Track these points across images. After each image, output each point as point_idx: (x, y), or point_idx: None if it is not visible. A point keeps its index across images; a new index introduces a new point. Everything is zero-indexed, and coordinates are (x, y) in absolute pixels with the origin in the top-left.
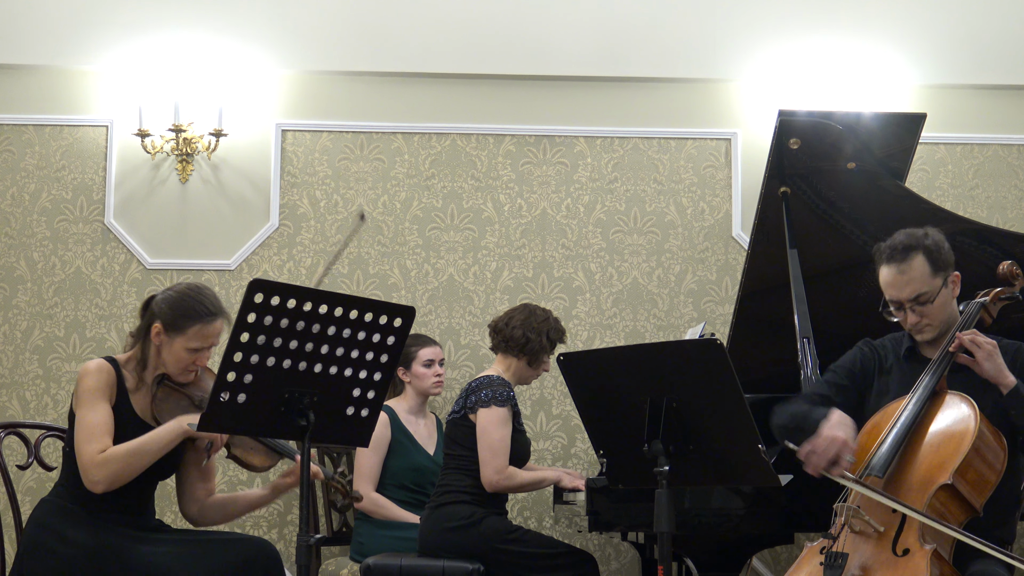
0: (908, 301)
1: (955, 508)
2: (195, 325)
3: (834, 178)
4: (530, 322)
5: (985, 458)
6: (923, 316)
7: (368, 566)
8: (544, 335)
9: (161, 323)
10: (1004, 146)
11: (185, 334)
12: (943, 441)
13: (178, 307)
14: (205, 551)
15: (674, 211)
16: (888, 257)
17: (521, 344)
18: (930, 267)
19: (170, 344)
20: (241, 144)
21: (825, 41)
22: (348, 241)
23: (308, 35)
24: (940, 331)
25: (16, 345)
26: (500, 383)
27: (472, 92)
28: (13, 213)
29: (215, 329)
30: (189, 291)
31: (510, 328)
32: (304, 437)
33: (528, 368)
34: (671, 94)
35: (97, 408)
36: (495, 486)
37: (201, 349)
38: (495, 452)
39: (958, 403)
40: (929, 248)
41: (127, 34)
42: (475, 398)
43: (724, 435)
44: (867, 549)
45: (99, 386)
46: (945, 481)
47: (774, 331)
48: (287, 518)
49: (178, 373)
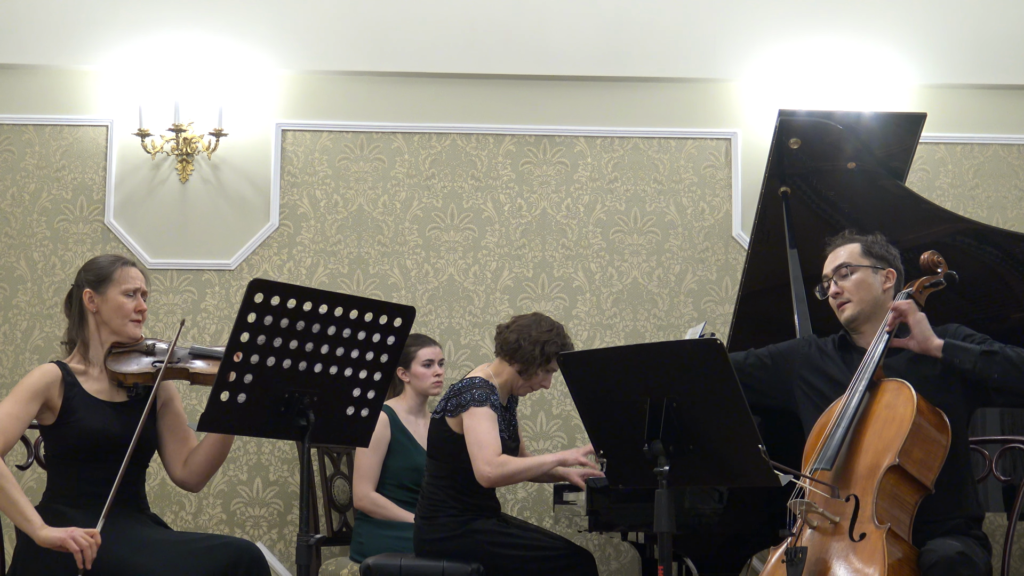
0: (832, 273)
1: (907, 488)
2: (115, 269)
3: (834, 178)
4: (529, 330)
5: (928, 435)
6: (843, 290)
7: (368, 566)
8: (539, 346)
9: (88, 287)
10: (1004, 146)
11: (112, 280)
12: (885, 426)
13: (94, 267)
14: (189, 555)
15: (674, 211)
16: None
17: (512, 349)
18: (860, 250)
19: (105, 299)
20: (241, 144)
21: (825, 41)
22: (173, 344)
23: (308, 35)
24: (861, 312)
25: (16, 345)
26: (481, 385)
27: (472, 92)
28: (13, 213)
29: (135, 272)
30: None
31: (508, 331)
32: (304, 437)
33: (519, 377)
34: (671, 94)
35: (17, 402)
36: (491, 479)
37: (134, 292)
38: (483, 444)
39: (896, 388)
40: (867, 240)
41: (127, 34)
42: (456, 402)
43: (724, 435)
44: (827, 541)
45: (34, 385)
46: (892, 463)
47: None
48: (287, 518)
49: (123, 324)
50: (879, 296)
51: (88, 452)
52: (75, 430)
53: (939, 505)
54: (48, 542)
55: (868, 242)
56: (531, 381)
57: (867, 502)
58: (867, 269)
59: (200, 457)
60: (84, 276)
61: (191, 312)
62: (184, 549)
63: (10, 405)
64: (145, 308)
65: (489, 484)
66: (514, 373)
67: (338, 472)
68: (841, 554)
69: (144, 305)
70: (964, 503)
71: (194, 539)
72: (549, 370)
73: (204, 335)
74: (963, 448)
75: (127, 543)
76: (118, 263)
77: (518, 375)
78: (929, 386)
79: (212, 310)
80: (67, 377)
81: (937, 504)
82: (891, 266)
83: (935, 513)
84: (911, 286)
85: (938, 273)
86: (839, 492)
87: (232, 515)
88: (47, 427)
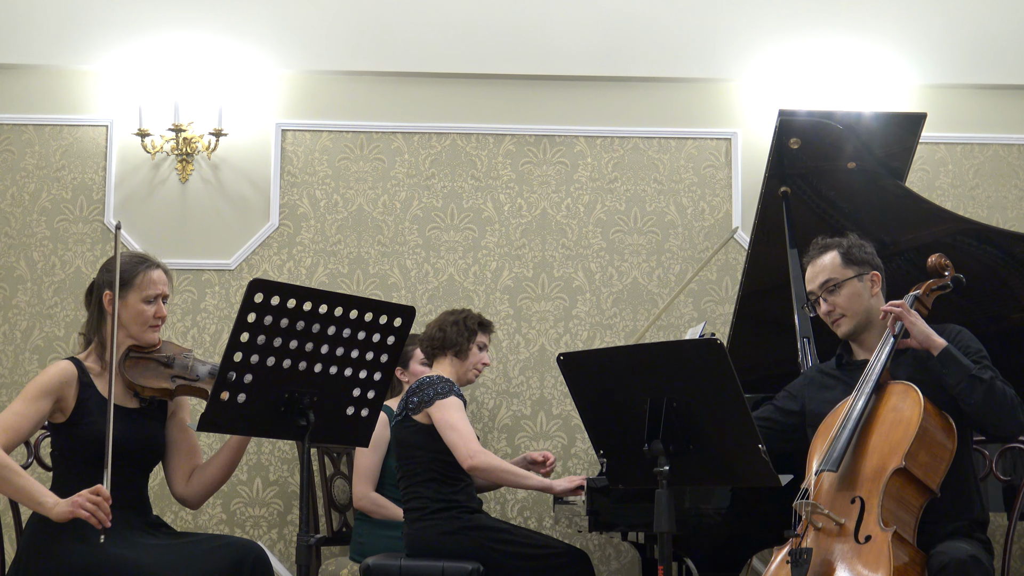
0: (819, 289)
1: (912, 491)
2: (138, 274)
3: (834, 178)
4: (445, 320)
5: (935, 439)
6: (835, 306)
7: (368, 566)
8: (460, 323)
9: (109, 289)
10: (1004, 146)
11: (134, 285)
12: (892, 428)
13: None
14: (195, 556)
15: (674, 211)
16: (808, 257)
17: (439, 339)
18: (841, 260)
19: (125, 303)
20: (241, 144)
21: (825, 41)
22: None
23: (308, 35)
24: (858, 324)
25: (16, 345)
26: (440, 380)
27: (472, 92)
28: (13, 213)
29: (159, 276)
30: (123, 253)
31: (428, 332)
32: (304, 437)
33: (459, 362)
34: (671, 94)
35: (28, 406)
36: (473, 464)
37: (155, 298)
38: (462, 434)
39: (903, 391)
40: (843, 246)
41: (127, 34)
42: (417, 399)
43: (724, 435)
44: (831, 543)
45: (47, 385)
46: (898, 465)
47: (774, 331)
48: (287, 518)
49: (142, 331)
50: (870, 303)
51: (95, 456)
52: (85, 433)
53: (944, 508)
54: (63, 518)
55: (845, 248)
56: (470, 361)
57: (873, 504)
58: (853, 280)
59: (206, 477)
60: (105, 276)
61: (191, 312)
62: (189, 550)
63: (19, 403)
64: (165, 314)
65: (471, 468)
66: (454, 361)
67: (338, 472)
68: (846, 556)
69: (164, 311)
70: (969, 506)
71: (199, 540)
72: (480, 344)
73: (204, 335)
74: (968, 451)
75: (133, 546)
76: (142, 266)
77: (458, 359)
78: (935, 389)
79: (212, 310)
80: (83, 377)
81: (941, 507)
82: (873, 268)
83: (940, 515)
84: (918, 289)
85: (945, 276)
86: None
87: (232, 515)
88: (56, 425)
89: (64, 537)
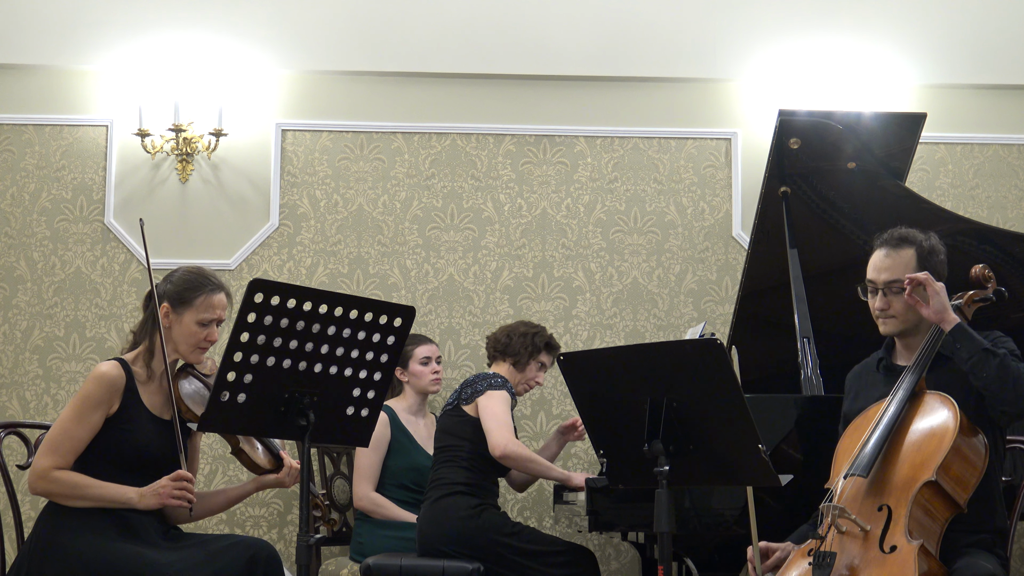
0: (883, 284)
1: (940, 505)
2: (200, 296)
3: (834, 178)
4: (517, 327)
5: (967, 455)
6: (889, 305)
7: (368, 566)
8: (528, 337)
9: (168, 302)
10: (1004, 146)
11: (193, 306)
12: (925, 439)
13: (182, 283)
14: (211, 555)
15: (674, 211)
16: (883, 242)
17: (504, 345)
18: (916, 263)
19: (180, 320)
20: (241, 144)
21: (825, 41)
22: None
23: (308, 35)
24: (905, 329)
25: (16, 345)
26: (496, 376)
27: (472, 92)
28: (13, 213)
29: (220, 300)
30: (190, 269)
31: (496, 334)
32: (304, 437)
33: (515, 372)
34: (671, 94)
35: (82, 421)
36: (505, 451)
37: (210, 322)
38: (500, 423)
39: (938, 402)
40: (924, 247)
41: (127, 34)
42: (471, 390)
43: (724, 435)
44: (855, 548)
45: (99, 397)
46: (929, 478)
47: (774, 331)
48: (287, 518)
49: (190, 351)
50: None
51: (125, 462)
52: (120, 438)
53: (968, 517)
54: (151, 508)
55: (924, 252)
56: (525, 375)
57: (900, 514)
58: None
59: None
60: (166, 288)
61: None
62: (203, 548)
63: (72, 423)
64: (216, 338)
65: (503, 455)
66: (511, 369)
67: (338, 472)
68: (870, 564)
69: (216, 335)
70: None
71: (211, 539)
72: (540, 362)
73: None
74: (997, 464)
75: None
76: (205, 289)
77: (514, 369)
78: (971, 402)
79: None
80: (129, 383)
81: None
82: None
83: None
84: (960, 298)
85: (987, 288)
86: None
87: (232, 515)
88: None
89: (82, 533)
